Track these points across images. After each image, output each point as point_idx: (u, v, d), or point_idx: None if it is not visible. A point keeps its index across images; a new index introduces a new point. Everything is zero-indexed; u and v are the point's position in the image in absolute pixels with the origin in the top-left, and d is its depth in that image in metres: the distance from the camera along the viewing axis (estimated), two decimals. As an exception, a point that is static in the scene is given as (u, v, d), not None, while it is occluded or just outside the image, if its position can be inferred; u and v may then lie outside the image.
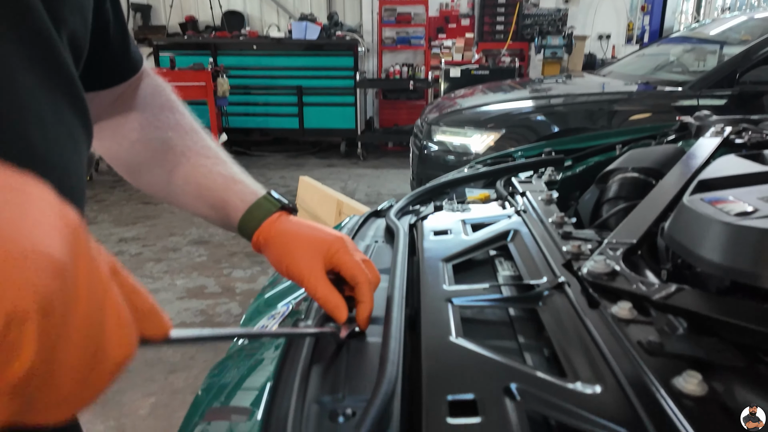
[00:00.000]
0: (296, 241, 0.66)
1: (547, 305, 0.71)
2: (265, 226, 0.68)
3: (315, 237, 0.66)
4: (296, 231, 0.67)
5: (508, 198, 1.21)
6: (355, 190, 5.30)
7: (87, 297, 0.25)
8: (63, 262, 0.24)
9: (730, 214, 0.65)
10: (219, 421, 0.66)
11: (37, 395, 0.23)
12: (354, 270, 0.65)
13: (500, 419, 0.49)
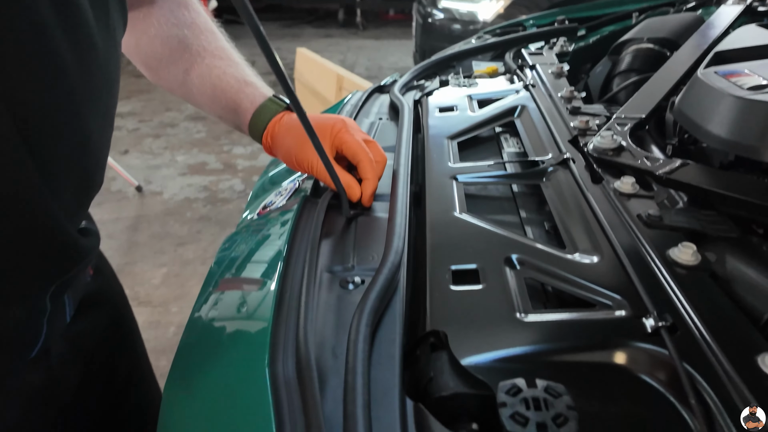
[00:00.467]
0: (301, 132, 0.65)
1: (550, 181, 0.72)
2: (271, 126, 0.71)
3: (317, 124, 0.66)
4: (300, 123, 0.68)
5: (517, 71, 1.17)
6: (355, 63, 5.11)
7: None
8: None
9: (743, 88, 0.63)
10: (232, 290, 0.70)
11: None
12: (355, 148, 0.66)
13: (500, 286, 0.52)
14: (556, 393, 0.41)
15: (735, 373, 0.40)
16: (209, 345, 0.55)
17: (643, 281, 0.50)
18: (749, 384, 0.39)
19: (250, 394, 0.44)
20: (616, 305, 0.49)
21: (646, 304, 0.47)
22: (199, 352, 0.55)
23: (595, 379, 0.43)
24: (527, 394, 0.41)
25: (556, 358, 0.45)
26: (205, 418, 0.46)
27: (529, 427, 0.39)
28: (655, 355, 0.43)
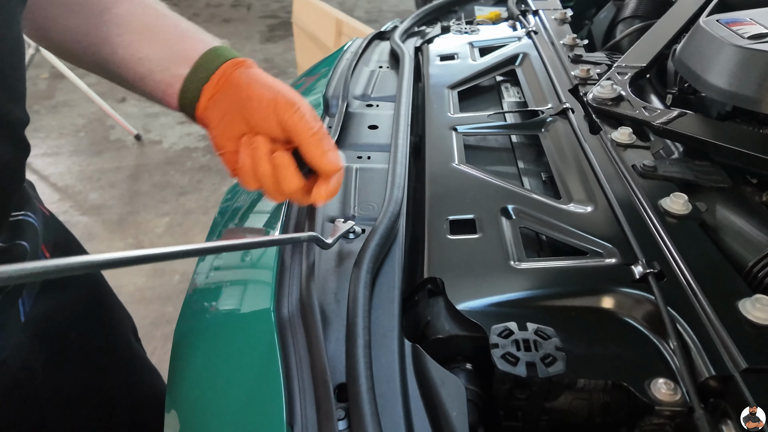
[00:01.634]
0: (252, 96, 0.52)
1: (549, 132, 0.73)
2: (216, 77, 0.53)
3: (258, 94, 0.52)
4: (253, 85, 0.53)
5: (520, 17, 1.15)
6: (354, 7, 4.96)
7: None
8: None
9: (743, 37, 0.63)
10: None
11: None
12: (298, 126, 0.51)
13: (496, 235, 0.54)
14: (546, 335, 0.43)
15: (716, 316, 0.43)
16: (216, 292, 0.58)
17: (634, 230, 0.52)
18: (728, 327, 0.42)
19: (257, 335, 0.47)
20: (607, 253, 0.51)
21: (635, 252, 0.49)
22: (206, 299, 0.57)
23: (584, 323, 0.46)
24: (518, 336, 0.43)
25: (547, 303, 0.47)
26: (215, 357, 0.49)
27: (519, 366, 0.41)
28: (642, 300, 0.46)
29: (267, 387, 0.43)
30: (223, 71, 0.53)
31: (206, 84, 0.53)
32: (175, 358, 0.53)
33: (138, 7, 0.56)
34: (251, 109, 0.51)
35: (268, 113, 0.51)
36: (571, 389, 0.44)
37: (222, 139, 0.53)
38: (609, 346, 0.44)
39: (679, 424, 0.40)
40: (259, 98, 0.51)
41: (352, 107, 0.83)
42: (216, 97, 0.53)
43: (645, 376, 0.41)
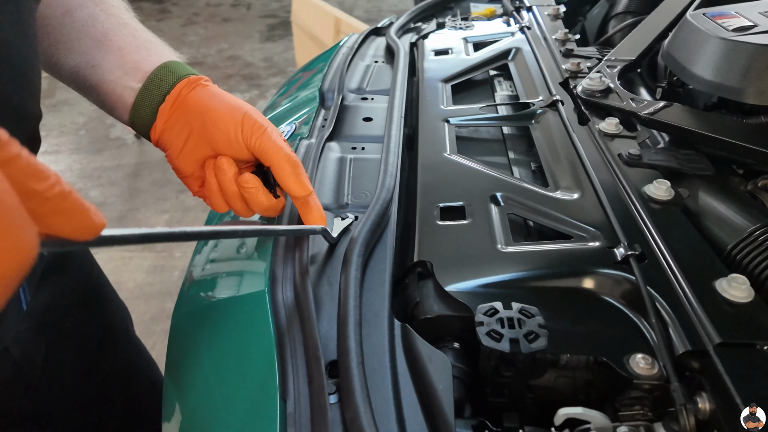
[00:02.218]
0: (213, 118, 0.52)
1: (539, 123, 0.75)
2: (173, 95, 0.52)
3: (221, 112, 0.51)
4: (213, 104, 0.53)
5: (514, 13, 1.17)
6: (354, 6, 4.98)
7: None
8: None
9: (728, 30, 0.64)
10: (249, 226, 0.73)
11: None
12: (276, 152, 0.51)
13: (484, 221, 0.56)
14: (530, 314, 0.45)
15: (693, 295, 0.44)
16: (212, 278, 0.59)
17: (618, 215, 0.54)
18: (704, 304, 0.43)
19: (252, 316, 0.48)
20: (591, 237, 0.52)
21: (618, 236, 0.51)
22: (203, 285, 0.59)
23: (567, 302, 0.47)
24: (503, 315, 0.45)
25: (532, 284, 0.49)
26: (212, 338, 0.50)
27: (503, 342, 0.43)
28: (623, 281, 0.47)
29: (261, 364, 0.45)
30: (179, 92, 0.52)
31: (161, 105, 0.52)
32: (173, 340, 0.55)
33: (101, 13, 0.55)
34: (216, 133, 0.51)
35: (234, 136, 0.50)
36: (555, 367, 0.45)
37: (184, 163, 0.53)
38: (590, 324, 0.45)
39: (657, 397, 0.41)
40: (224, 121, 0.50)
41: (348, 100, 0.84)
42: (171, 120, 0.52)
43: (624, 352, 0.42)
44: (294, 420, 0.41)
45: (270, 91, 3.58)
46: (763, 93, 0.61)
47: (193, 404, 0.47)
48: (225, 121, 0.51)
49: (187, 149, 0.52)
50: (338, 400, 0.41)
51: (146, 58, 0.53)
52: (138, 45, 0.54)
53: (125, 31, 0.55)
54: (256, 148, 0.51)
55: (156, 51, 0.54)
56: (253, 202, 0.52)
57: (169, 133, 0.52)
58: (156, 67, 0.52)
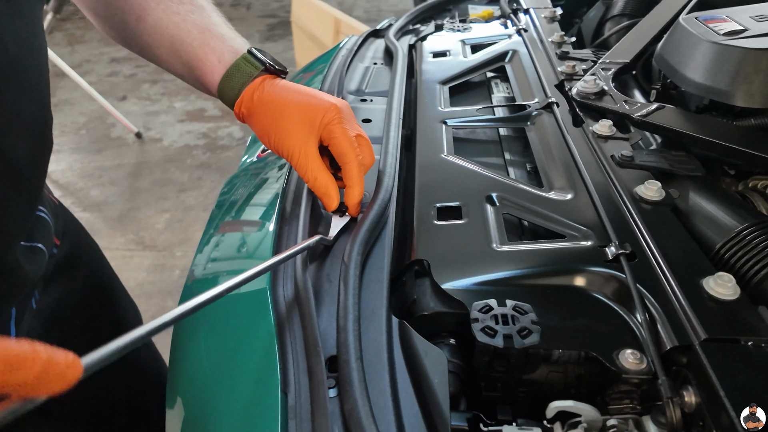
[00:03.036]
0: (284, 111, 0.57)
1: (535, 124, 0.76)
2: (246, 94, 0.58)
3: (306, 104, 0.57)
4: (284, 98, 0.58)
5: (511, 15, 1.18)
6: (354, 6, 4.99)
7: None
8: None
9: (719, 34, 0.66)
10: (232, 233, 0.75)
11: None
12: (344, 146, 0.56)
13: (480, 221, 0.57)
14: (523, 311, 0.46)
15: (681, 292, 0.46)
16: (214, 277, 0.61)
17: (610, 215, 0.55)
18: (691, 301, 0.45)
19: (254, 312, 0.50)
20: (584, 236, 0.54)
21: (609, 235, 0.52)
22: (205, 282, 0.60)
23: (559, 299, 0.49)
24: (497, 312, 0.46)
25: (525, 281, 0.50)
26: (215, 334, 0.52)
27: (496, 338, 0.44)
28: (613, 278, 0.49)
29: (263, 358, 0.46)
30: (253, 88, 0.59)
31: (236, 102, 0.59)
32: (177, 337, 0.56)
33: (164, 14, 0.59)
34: (290, 121, 0.57)
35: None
36: (547, 362, 0.47)
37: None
38: (581, 320, 0.47)
39: (645, 391, 0.43)
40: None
41: (347, 102, 0.86)
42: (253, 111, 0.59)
43: (613, 347, 0.44)
44: (295, 412, 0.42)
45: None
46: (751, 96, 0.63)
47: (195, 398, 0.49)
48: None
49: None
50: (337, 393, 0.43)
51: (212, 70, 0.59)
52: (203, 41, 0.59)
53: (192, 32, 0.59)
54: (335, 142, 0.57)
55: (222, 48, 0.59)
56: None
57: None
58: (222, 77, 0.59)
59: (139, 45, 0.62)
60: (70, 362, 0.29)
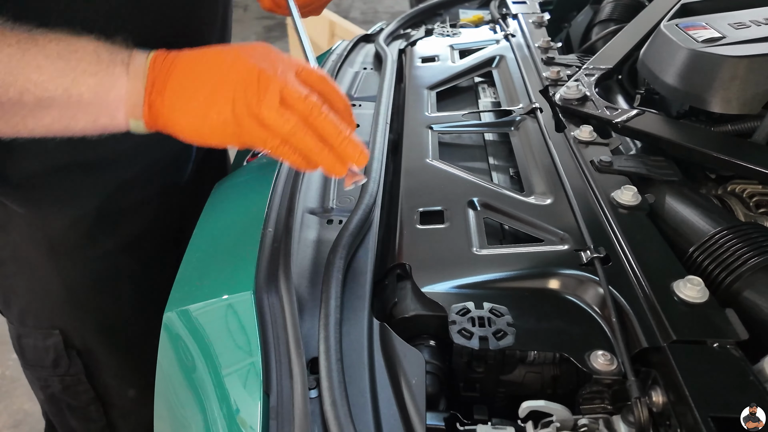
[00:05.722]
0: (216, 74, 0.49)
1: (519, 130, 0.78)
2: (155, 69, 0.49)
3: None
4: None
5: (500, 21, 1.20)
6: (351, 7, 5.01)
7: None
8: None
9: (697, 41, 0.67)
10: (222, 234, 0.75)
11: None
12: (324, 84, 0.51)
13: (461, 225, 0.59)
14: (499, 313, 0.48)
15: (652, 295, 0.47)
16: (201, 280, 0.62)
17: (587, 219, 0.57)
18: (661, 304, 0.46)
19: (238, 315, 0.51)
20: (561, 240, 0.55)
21: (585, 239, 0.54)
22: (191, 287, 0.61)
23: (535, 302, 0.50)
24: (474, 314, 0.48)
25: (503, 285, 0.52)
26: (200, 336, 0.53)
27: (473, 340, 0.46)
28: (587, 281, 0.50)
29: (247, 361, 0.48)
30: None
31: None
32: (164, 340, 0.57)
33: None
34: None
35: None
36: (524, 363, 0.48)
37: None
38: (556, 322, 0.48)
39: (616, 391, 0.44)
40: None
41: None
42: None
43: (586, 349, 0.45)
44: (276, 413, 0.44)
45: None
46: (728, 102, 0.64)
47: (180, 399, 0.50)
48: None
49: None
50: (318, 394, 0.44)
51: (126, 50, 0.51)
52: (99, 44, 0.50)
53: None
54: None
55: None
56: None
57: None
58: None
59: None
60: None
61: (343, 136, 0.49)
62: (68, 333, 0.76)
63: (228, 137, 0.50)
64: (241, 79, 0.47)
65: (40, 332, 0.76)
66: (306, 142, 0.48)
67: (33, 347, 0.78)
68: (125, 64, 0.49)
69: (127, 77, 0.49)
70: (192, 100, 0.48)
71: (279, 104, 0.47)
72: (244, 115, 0.47)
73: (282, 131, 0.48)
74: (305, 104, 0.48)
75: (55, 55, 0.47)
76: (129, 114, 0.50)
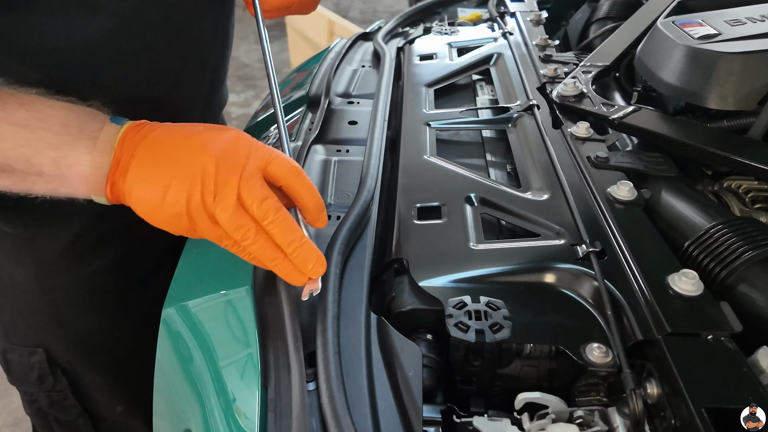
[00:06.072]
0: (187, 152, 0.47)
1: (516, 127, 0.78)
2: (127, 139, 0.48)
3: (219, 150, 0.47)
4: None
5: (498, 19, 1.20)
6: (350, 7, 5.01)
7: None
8: None
9: (693, 38, 0.68)
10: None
11: None
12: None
13: (459, 221, 0.59)
14: (496, 307, 0.48)
15: (647, 288, 0.48)
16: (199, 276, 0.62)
17: (583, 215, 0.57)
18: (657, 297, 0.47)
19: (236, 309, 0.51)
20: (557, 235, 0.56)
21: (581, 234, 0.54)
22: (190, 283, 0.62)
23: (532, 296, 0.51)
24: (470, 308, 0.48)
25: (500, 279, 0.52)
26: (198, 331, 0.53)
27: (469, 333, 0.46)
28: (583, 275, 0.51)
29: (245, 355, 0.48)
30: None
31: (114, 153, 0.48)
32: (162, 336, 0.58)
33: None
34: None
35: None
36: (520, 356, 0.49)
37: None
38: (552, 315, 0.49)
39: (611, 384, 0.45)
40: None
41: (334, 104, 0.87)
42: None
43: (581, 341, 0.45)
44: (274, 405, 0.44)
45: (265, 91, 3.60)
46: (724, 98, 0.65)
47: (179, 392, 0.50)
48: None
49: None
50: (315, 387, 0.44)
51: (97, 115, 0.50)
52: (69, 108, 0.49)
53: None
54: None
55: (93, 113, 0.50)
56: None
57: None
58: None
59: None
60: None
61: (296, 244, 0.47)
62: (52, 352, 0.75)
63: (183, 230, 0.48)
64: (199, 171, 0.45)
65: (24, 349, 0.76)
66: (257, 248, 0.46)
67: (18, 363, 0.77)
68: (93, 138, 0.48)
69: (92, 154, 0.47)
70: (149, 188, 0.46)
71: (235, 205, 0.45)
72: (198, 211, 0.45)
73: (236, 237, 0.46)
74: (260, 209, 0.45)
75: (22, 122, 0.46)
76: (90, 190, 0.49)
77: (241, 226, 0.45)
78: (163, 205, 0.46)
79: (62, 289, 0.74)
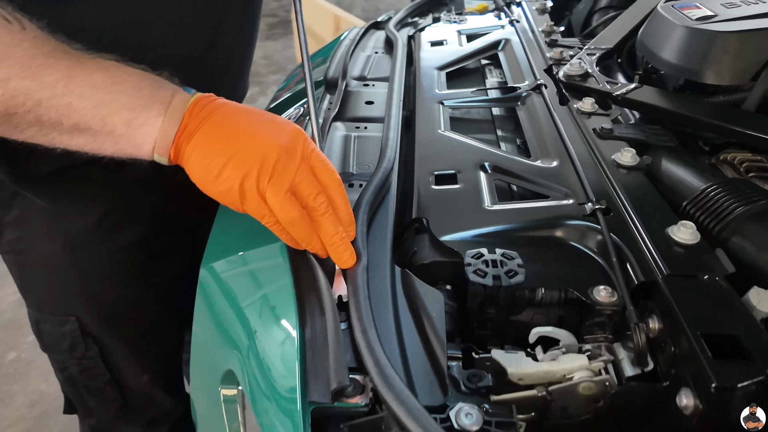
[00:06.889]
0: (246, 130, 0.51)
1: (525, 104, 0.83)
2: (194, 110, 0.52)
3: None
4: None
5: (504, 8, 1.25)
6: (352, 5, 5.06)
7: None
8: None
9: (691, 19, 0.72)
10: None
11: None
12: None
13: (473, 186, 0.64)
14: (510, 257, 0.53)
15: (648, 238, 0.52)
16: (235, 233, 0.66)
17: (590, 178, 0.62)
18: (657, 245, 0.51)
19: (272, 261, 0.56)
20: (565, 196, 0.60)
21: (588, 194, 0.59)
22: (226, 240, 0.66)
23: (543, 249, 0.55)
24: (487, 257, 0.53)
25: (513, 234, 0.57)
26: (236, 285, 0.58)
27: (487, 278, 0.51)
28: (590, 230, 0.55)
29: (282, 301, 0.52)
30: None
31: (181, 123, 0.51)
32: (201, 292, 0.62)
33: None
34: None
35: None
36: (532, 305, 0.53)
37: None
38: (562, 265, 0.53)
39: (616, 322, 0.49)
40: None
41: (351, 86, 0.92)
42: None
43: (588, 284, 0.50)
44: (311, 344, 0.49)
45: (270, 88, 3.65)
46: (720, 74, 0.69)
47: (220, 339, 0.55)
48: None
49: None
50: (348, 326, 0.49)
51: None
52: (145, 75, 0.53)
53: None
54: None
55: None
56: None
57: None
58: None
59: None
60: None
61: (338, 237, 0.52)
62: (83, 321, 0.80)
63: (229, 202, 0.52)
64: (260, 156, 0.49)
65: (56, 318, 0.80)
66: (297, 229, 0.52)
67: (50, 332, 0.82)
68: (165, 103, 0.51)
69: (162, 117, 0.51)
70: (210, 158, 0.50)
71: (285, 192, 0.50)
72: (251, 189, 0.50)
73: (281, 217, 0.51)
74: (315, 200, 0.51)
75: (99, 84, 0.50)
76: (156, 150, 0.52)
77: (290, 212, 0.50)
78: (219, 177, 0.50)
79: (91, 262, 0.78)
